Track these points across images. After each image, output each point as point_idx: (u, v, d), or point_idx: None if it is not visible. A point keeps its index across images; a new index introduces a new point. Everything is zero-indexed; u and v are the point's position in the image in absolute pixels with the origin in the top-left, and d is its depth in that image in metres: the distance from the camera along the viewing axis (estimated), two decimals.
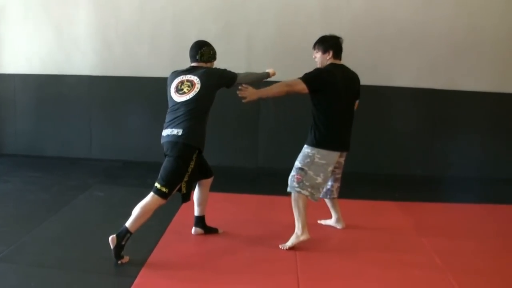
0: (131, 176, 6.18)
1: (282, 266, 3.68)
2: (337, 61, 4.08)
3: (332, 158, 3.99)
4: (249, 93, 3.80)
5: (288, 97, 4.11)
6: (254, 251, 3.92)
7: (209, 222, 4.26)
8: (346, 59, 6.25)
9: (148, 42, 6.60)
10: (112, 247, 3.55)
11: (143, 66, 6.63)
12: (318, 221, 4.59)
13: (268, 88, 3.92)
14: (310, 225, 4.09)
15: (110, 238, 3.56)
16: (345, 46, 6.40)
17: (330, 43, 4.05)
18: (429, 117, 6.57)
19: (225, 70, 3.95)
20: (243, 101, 3.81)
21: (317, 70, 4.00)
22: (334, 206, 4.48)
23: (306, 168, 3.94)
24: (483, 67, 6.38)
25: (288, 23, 6.32)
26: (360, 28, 6.34)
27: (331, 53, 4.03)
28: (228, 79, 3.92)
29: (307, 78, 3.89)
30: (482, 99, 6.45)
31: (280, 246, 3.96)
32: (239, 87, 3.80)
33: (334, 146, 3.99)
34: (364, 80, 6.31)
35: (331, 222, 4.54)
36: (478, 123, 6.53)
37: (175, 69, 4.10)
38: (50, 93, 6.85)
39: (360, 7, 6.34)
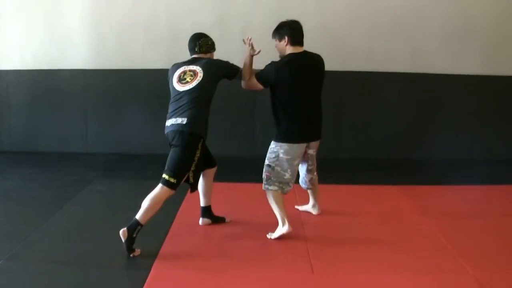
0: (130, 169, 6.16)
1: (294, 252, 3.73)
2: (297, 48, 3.87)
3: (296, 151, 3.89)
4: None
5: None
6: (264, 238, 3.94)
7: (214, 212, 4.28)
8: (341, 46, 6.35)
9: (142, 34, 6.55)
10: (123, 240, 3.55)
11: (137, 58, 6.59)
12: (296, 207, 4.59)
13: (247, 67, 3.94)
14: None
15: (121, 231, 3.56)
16: (339, 33, 6.46)
17: (284, 29, 3.86)
18: (423, 101, 6.63)
19: (227, 62, 3.97)
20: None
21: (271, 66, 3.85)
22: (313, 192, 4.43)
23: (272, 165, 3.89)
24: (474, 51, 6.43)
25: (283, 13, 6.28)
26: (354, 16, 6.38)
27: (286, 39, 3.83)
28: (229, 70, 3.95)
29: (261, 76, 3.86)
30: (473, 82, 6.52)
31: (267, 235, 3.96)
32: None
33: (296, 139, 3.88)
34: (358, 67, 6.44)
35: (307, 207, 4.54)
36: (470, 106, 6.60)
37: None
38: (43, 88, 6.77)
39: None
